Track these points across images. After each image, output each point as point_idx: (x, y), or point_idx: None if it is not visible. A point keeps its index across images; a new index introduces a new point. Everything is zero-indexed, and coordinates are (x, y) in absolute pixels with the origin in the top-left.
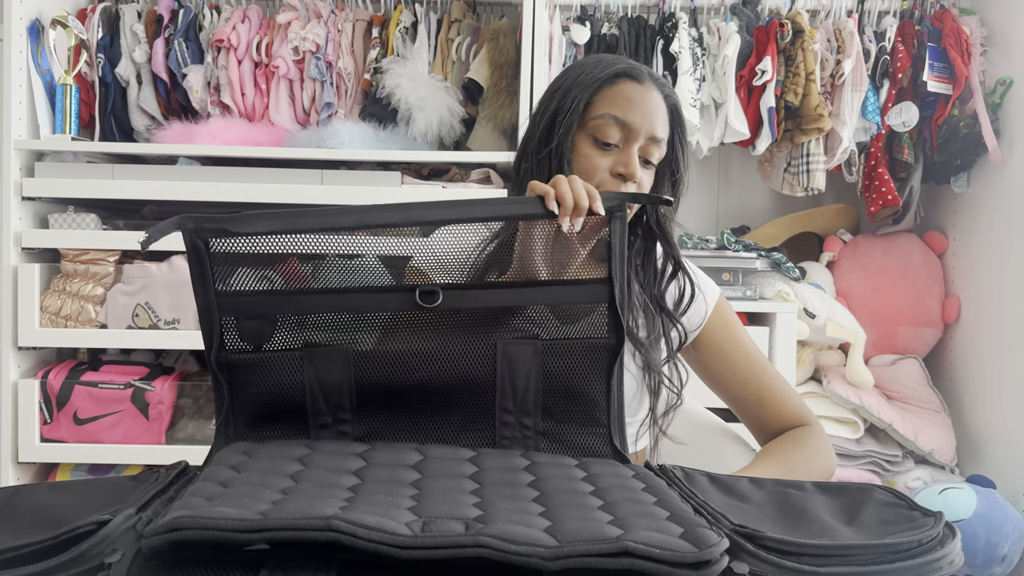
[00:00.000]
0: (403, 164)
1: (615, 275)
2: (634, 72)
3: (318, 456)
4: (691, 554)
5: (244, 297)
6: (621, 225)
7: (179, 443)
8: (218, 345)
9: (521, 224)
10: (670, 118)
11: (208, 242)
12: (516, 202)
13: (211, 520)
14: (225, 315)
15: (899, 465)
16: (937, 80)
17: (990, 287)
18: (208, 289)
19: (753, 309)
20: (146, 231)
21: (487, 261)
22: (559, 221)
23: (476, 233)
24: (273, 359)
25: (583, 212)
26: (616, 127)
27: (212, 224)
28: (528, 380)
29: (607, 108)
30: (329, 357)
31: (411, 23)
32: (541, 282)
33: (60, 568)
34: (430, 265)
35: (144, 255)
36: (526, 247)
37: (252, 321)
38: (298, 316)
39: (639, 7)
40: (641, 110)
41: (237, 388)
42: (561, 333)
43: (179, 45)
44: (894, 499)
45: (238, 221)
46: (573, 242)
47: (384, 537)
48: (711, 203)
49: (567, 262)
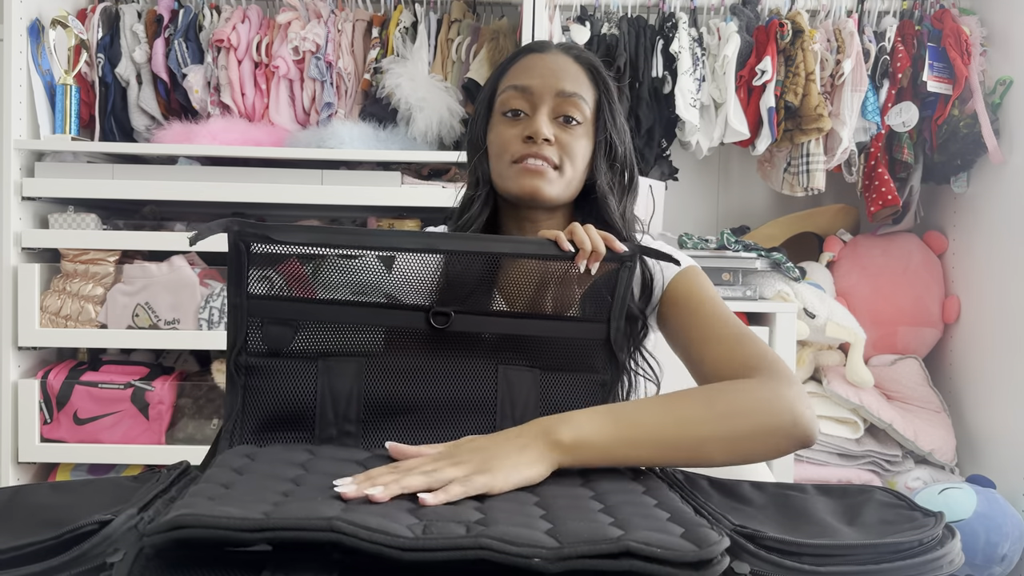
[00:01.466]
0: (403, 164)
1: (614, 316)
2: (536, 46)
3: (320, 461)
4: (692, 553)
5: (272, 302)
6: (629, 274)
7: (179, 443)
8: (241, 347)
9: (529, 262)
10: (590, 77)
11: (250, 245)
12: (531, 243)
13: (213, 519)
14: (252, 317)
15: (899, 465)
16: (937, 80)
17: (990, 287)
18: (241, 290)
19: (753, 309)
20: (196, 230)
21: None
22: (578, 262)
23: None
24: (291, 365)
25: (601, 256)
26: (517, 94)
27: (256, 229)
28: (527, 405)
29: (509, 82)
30: (342, 367)
31: (411, 23)
32: (545, 316)
33: (62, 568)
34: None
35: (144, 255)
36: (536, 284)
37: (276, 326)
38: (318, 324)
39: (639, 7)
40: (541, 71)
41: (251, 392)
42: (559, 365)
43: (179, 45)
44: (894, 500)
45: (280, 230)
46: (574, 283)
47: (386, 539)
48: (711, 203)
49: (569, 300)
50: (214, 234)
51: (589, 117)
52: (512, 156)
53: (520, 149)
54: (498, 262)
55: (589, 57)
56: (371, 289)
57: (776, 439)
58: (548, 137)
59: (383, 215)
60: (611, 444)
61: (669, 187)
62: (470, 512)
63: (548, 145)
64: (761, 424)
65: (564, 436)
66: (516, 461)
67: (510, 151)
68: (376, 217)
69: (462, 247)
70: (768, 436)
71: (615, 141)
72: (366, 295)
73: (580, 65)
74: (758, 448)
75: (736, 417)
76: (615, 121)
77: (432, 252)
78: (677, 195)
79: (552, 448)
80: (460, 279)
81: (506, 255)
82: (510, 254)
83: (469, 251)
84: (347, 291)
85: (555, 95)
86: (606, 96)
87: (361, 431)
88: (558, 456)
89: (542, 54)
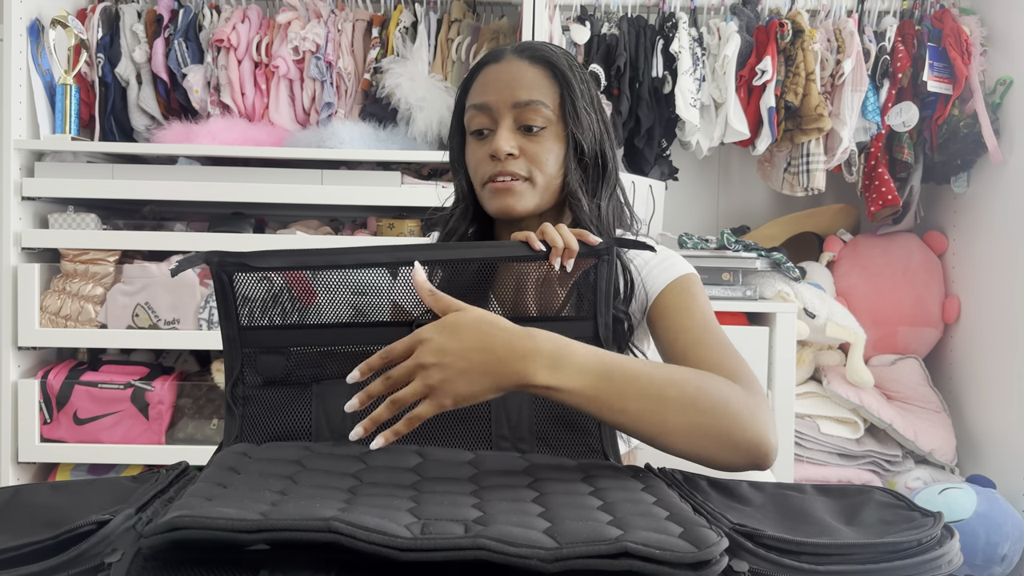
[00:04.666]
0: (403, 164)
1: (600, 313)
2: (491, 56)
3: (316, 458)
4: (690, 554)
5: (262, 331)
6: (608, 268)
7: (179, 443)
8: (237, 378)
9: (515, 266)
10: (549, 76)
11: (232, 276)
12: (504, 246)
13: (211, 520)
14: (247, 347)
15: (899, 465)
16: (937, 80)
17: (990, 287)
18: (232, 322)
19: (753, 309)
20: (177, 261)
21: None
22: (551, 261)
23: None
24: (285, 393)
25: (574, 253)
26: (477, 113)
27: (233, 259)
28: (520, 411)
29: (470, 101)
30: (336, 390)
31: (411, 23)
32: (531, 318)
33: (60, 568)
34: (406, 302)
35: (144, 255)
36: (519, 288)
37: (269, 356)
38: (309, 349)
39: (639, 7)
40: (496, 85)
41: (249, 421)
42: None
43: (179, 45)
44: (893, 500)
45: (255, 257)
46: (555, 282)
47: (384, 539)
48: (711, 203)
49: (553, 301)
50: (195, 265)
51: (554, 118)
52: (482, 177)
53: (488, 169)
54: (493, 269)
55: (546, 54)
56: (371, 289)
57: (738, 452)
58: (511, 151)
59: (383, 215)
60: (585, 402)
61: (669, 187)
62: (468, 510)
63: (513, 159)
64: (729, 430)
65: (539, 380)
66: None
67: (480, 173)
68: (376, 217)
69: (436, 256)
70: (732, 446)
71: (579, 137)
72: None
73: (537, 66)
74: (717, 452)
75: (710, 415)
76: (578, 116)
77: (404, 264)
78: (677, 195)
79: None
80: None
81: (477, 260)
82: (482, 259)
83: (439, 259)
84: (347, 292)
85: (512, 107)
86: (568, 92)
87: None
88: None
89: (496, 64)
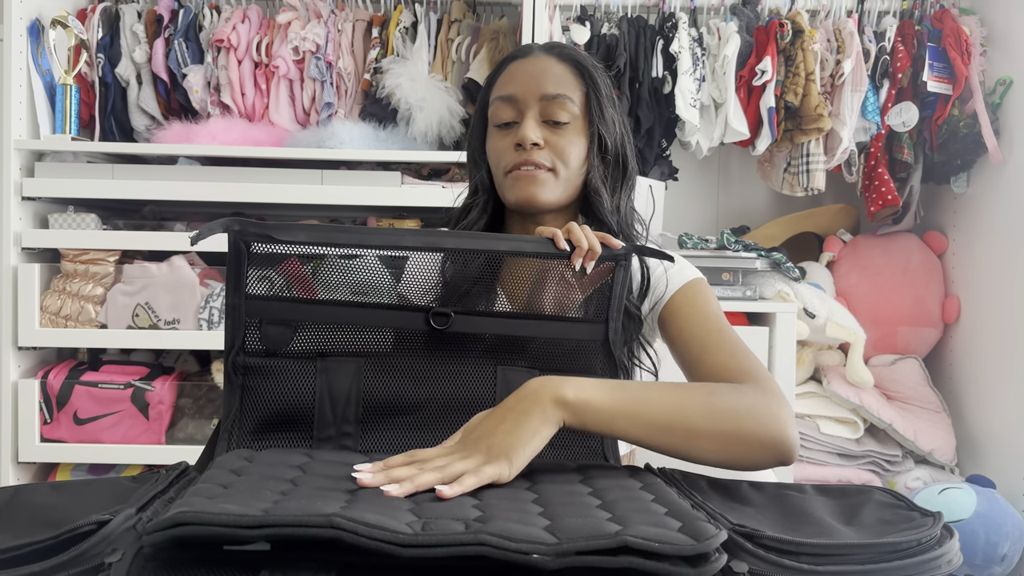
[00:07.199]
0: (403, 164)
1: (612, 317)
2: (519, 52)
3: (317, 463)
4: (689, 547)
5: (270, 302)
6: (624, 273)
7: (179, 443)
8: (239, 347)
9: (530, 261)
10: (575, 73)
11: (251, 245)
12: (531, 241)
13: (213, 516)
14: (251, 317)
15: (899, 465)
16: (937, 80)
17: (990, 287)
18: (239, 290)
19: (753, 309)
20: (196, 230)
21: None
22: (573, 260)
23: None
24: (289, 366)
25: (596, 255)
26: (504, 105)
27: (257, 229)
28: None
29: (496, 93)
30: (341, 367)
31: (411, 23)
32: (544, 316)
33: (60, 568)
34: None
35: (144, 255)
36: (535, 284)
37: (275, 326)
38: (316, 325)
39: (639, 7)
40: (523, 78)
41: (250, 393)
42: (557, 366)
43: (179, 45)
44: (893, 500)
45: (282, 229)
46: (574, 285)
47: (385, 535)
48: (711, 203)
49: (568, 302)
50: (215, 233)
51: (579, 114)
52: (506, 166)
53: (512, 158)
54: (499, 261)
55: (572, 53)
56: (371, 289)
57: (764, 450)
58: (537, 141)
59: (383, 215)
60: (612, 413)
61: (669, 187)
62: (469, 509)
63: (538, 150)
64: (753, 431)
65: (568, 394)
66: (520, 437)
67: (504, 162)
68: (376, 217)
69: (463, 245)
70: (758, 445)
71: (604, 134)
72: (366, 295)
73: (564, 63)
74: (745, 454)
75: (733, 419)
76: (603, 114)
77: (434, 250)
78: (677, 195)
79: (556, 405)
80: (460, 278)
81: (505, 253)
82: (509, 252)
83: (470, 248)
84: (347, 291)
85: (539, 99)
86: (593, 90)
87: (359, 431)
88: (562, 413)
89: (524, 59)
